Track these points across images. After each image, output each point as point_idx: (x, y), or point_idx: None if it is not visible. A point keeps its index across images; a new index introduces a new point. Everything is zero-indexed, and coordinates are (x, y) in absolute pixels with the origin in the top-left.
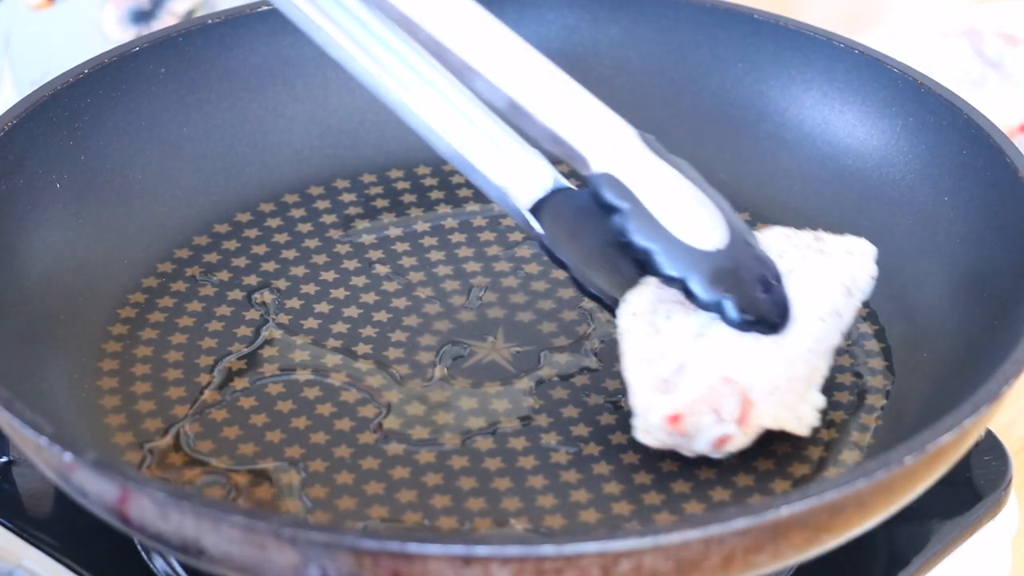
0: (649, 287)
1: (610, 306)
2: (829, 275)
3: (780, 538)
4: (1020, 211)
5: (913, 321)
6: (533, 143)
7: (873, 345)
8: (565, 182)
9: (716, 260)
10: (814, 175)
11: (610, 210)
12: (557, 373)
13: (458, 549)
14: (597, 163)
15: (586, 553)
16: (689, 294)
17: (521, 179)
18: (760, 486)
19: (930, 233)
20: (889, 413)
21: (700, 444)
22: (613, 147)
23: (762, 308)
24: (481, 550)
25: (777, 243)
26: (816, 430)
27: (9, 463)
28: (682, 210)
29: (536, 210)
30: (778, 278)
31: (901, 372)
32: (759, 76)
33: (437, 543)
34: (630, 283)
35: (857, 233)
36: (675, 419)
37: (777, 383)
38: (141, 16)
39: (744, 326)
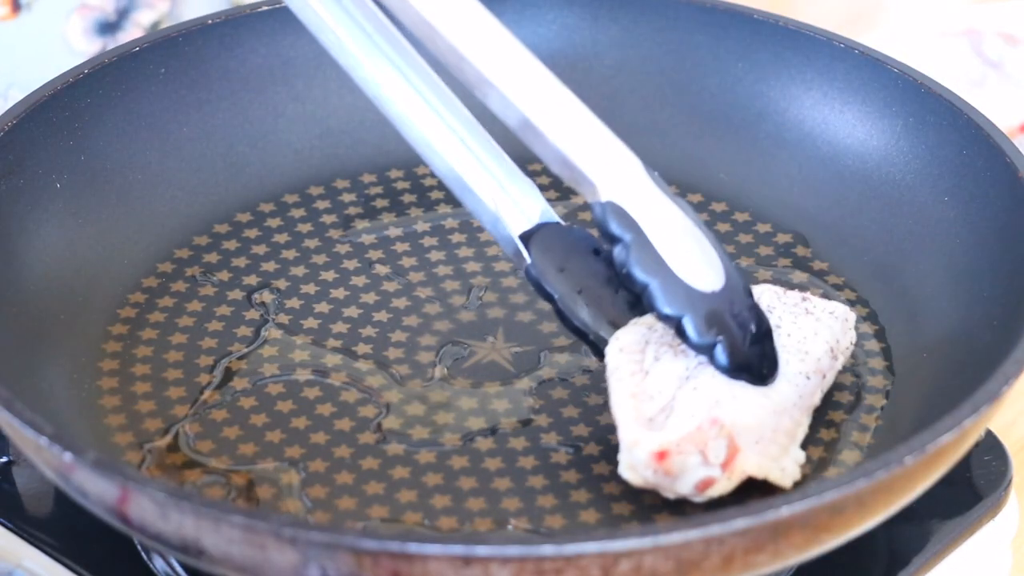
0: (639, 327)
1: (592, 341)
2: (817, 335)
3: (780, 538)
4: (1020, 211)
5: (913, 321)
6: (539, 163)
7: (873, 345)
8: (555, 216)
9: (712, 302)
10: (814, 175)
11: (613, 240)
12: (557, 373)
13: (458, 549)
14: (604, 191)
15: (586, 553)
16: (682, 333)
17: (513, 207)
18: (760, 486)
19: (930, 233)
20: (889, 413)
21: (683, 485)
22: (621, 177)
23: (752, 356)
24: (481, 550)
25: (767, 298)
26: (816, 430)
27: (9, 463)
28: (683, 248)
29: (525, 239)
30: (768, 330)
31: (901, 372)
32: (759, 76)
33: (437, 543)
34: (613, 320)
35: (857, 233)
36: (662, 455)
37: (763, 433)
38: (107, 27)
39: (733, 372)
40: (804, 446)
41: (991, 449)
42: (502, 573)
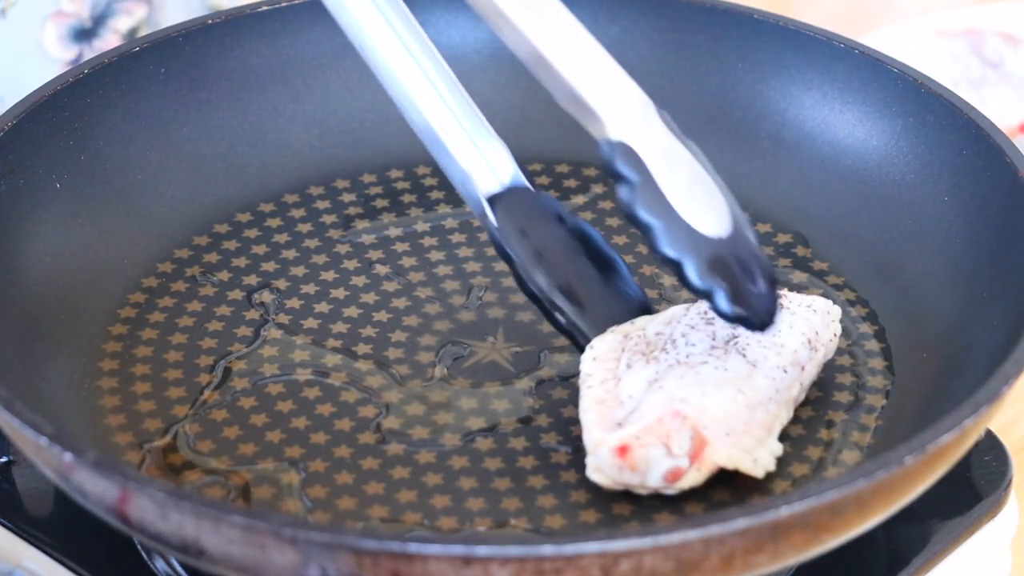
0: (615, 335)
1: (546, 308)
2: (793, 328)
3: (780, 538)
4: (1020, 211)
5: (913, 321)
6: (539, 163)
7: (873, 345)
8: (524, 181)
9: (716, 247)
10: (814, 175)
11: (619, 179)
12: (557, 373)
13: (458, 549)
14: (614, 130)
15: (586, 553)
16: (682, 276)
17: (484, 167)
18: (760, 486)
19: (930, 233)
20: (889, 413)
21: (652, 478)
22: (631, 116)
23: (752, 303)
24: (481, 550)
25: None
26: (816, 430)
27: (9, 463)
28: (690, 191)
29: (493, 201)
30: (773, 278)
31: (901, 372)
32: (759, 76)
33: (437, 543)
34: (569, 287)
35: (857, 233)
36: (623, 450)
37: (734, 426)
38: (83, 34)
39: (732, 319)
40: (804, 446)
41: (991, 449)
42: (502, 573)
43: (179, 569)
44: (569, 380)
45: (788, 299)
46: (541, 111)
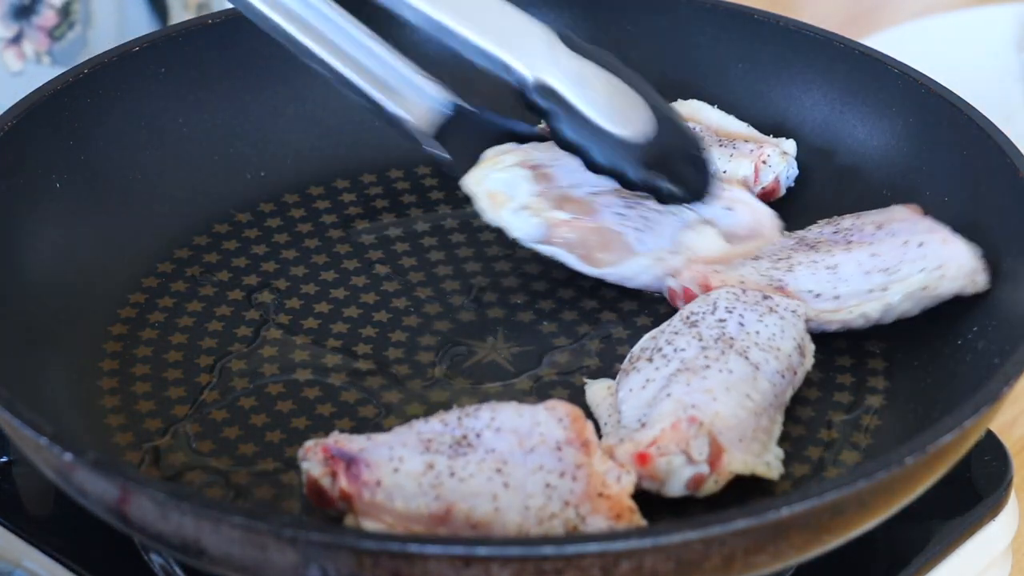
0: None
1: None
2: (784, 332)
3: (780, 538)
4: (1020, 211)
5: (913, 321)
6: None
7: (873, 345)
8: (463, 103)
9: (646, 149)
10: (814, 175)
11: (543, 114)
12: (557, 373)
13: (458, 549)
14: (525, 70)
15: (586, 553)
16: (624, 182)
17: (420, 107)
18: (760, 486)
19: None
20: (889, 414)
21: (673, 487)
22: (538, 54)
23: (691, 183)
24: (481, 550)
25: (726, 300)
26: (816, 430)
27: (9, 463)
28: (609, 104)
29: (441, 137)
30: (701, 153)
31: (901, 373)
32: (759, 76)
33: (437, 543)
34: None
35: None
36: (642, 459)
37: (744, 432)
38: (22, 11)
39: (678, 202)
40: (804, 446)
41: (991, 449)
42: (502, 573)
43: (178, 570)
44: (569, 380)
45: (774, 302)
46: None
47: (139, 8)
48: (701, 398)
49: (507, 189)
